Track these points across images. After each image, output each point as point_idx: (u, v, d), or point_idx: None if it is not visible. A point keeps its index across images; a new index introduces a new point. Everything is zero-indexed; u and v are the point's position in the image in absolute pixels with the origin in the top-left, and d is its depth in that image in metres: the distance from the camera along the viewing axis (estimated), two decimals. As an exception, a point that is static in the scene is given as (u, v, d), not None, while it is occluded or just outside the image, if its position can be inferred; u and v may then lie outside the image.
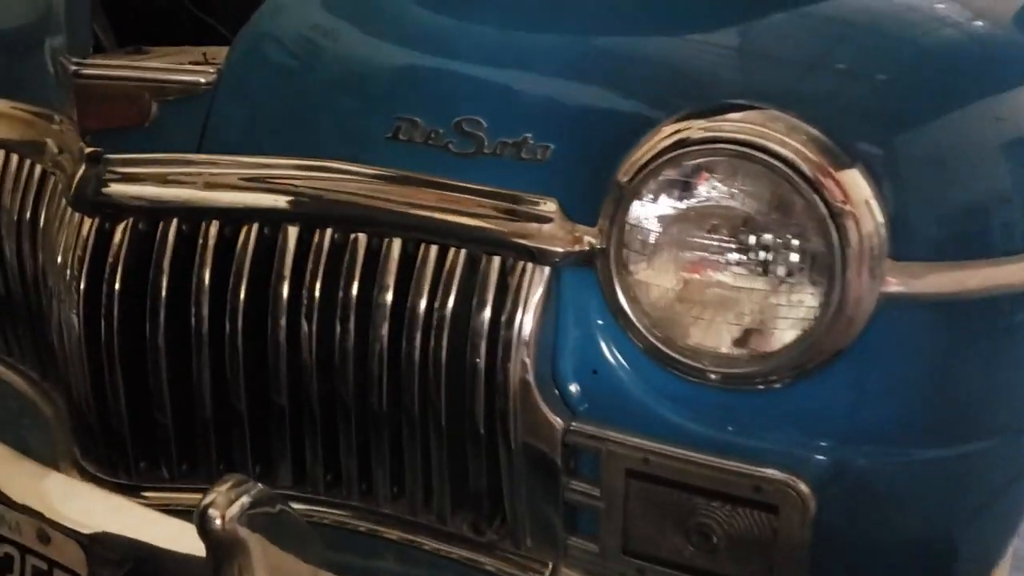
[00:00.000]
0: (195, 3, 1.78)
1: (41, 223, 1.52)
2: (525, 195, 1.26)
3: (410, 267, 1.29)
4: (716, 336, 1.18)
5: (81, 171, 1.39)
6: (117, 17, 1.60)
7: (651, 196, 1.19)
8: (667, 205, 1.19)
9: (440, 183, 1.30)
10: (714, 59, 1.27)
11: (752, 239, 1.16)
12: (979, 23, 1.35)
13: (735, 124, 1.14)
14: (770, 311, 1.15)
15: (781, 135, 1.11)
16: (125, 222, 1.37)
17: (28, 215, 1.55)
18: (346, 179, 1.34)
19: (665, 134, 1.18)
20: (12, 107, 1.63)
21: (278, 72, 1.41)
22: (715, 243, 1.18)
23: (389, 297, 1.28)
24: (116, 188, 1.38)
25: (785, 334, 1.15)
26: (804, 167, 1.10)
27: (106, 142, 1.40)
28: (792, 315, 1.14)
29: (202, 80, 1.38)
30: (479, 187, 1.28)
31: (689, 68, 1.27)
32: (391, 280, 1.29)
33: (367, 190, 1.32)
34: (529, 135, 1.27)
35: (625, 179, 1.19)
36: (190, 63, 1.43)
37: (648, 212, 1.19)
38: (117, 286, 1.35)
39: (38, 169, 1.57)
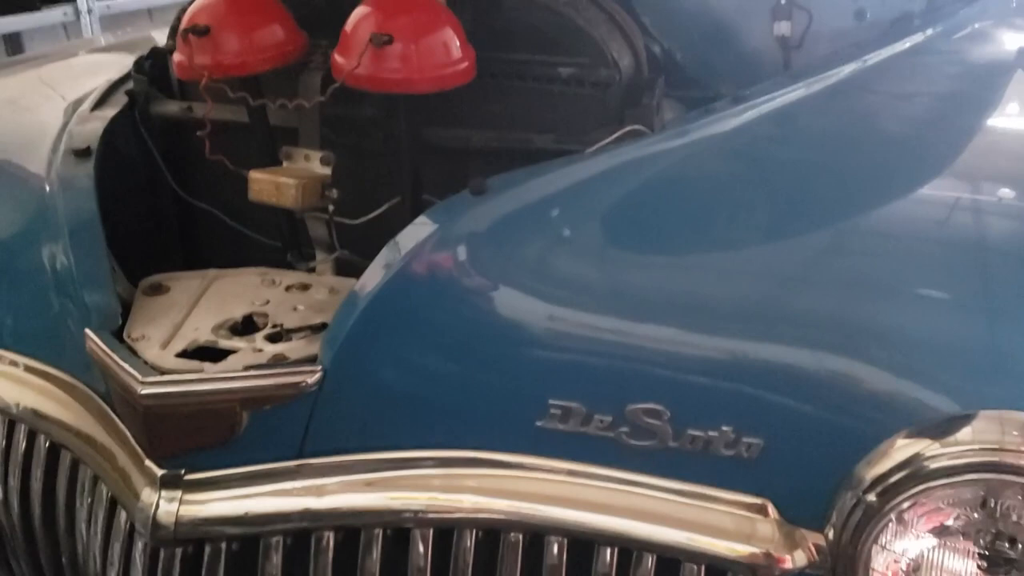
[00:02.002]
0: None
1: (60, 514, 1.29)
2: (734, 496, 1.06)
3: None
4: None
5: (157, 501, 1.14)
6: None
7: (900, 517, 1.01)
8: (922, 528, 1.01)
9: (620, 479, 1.09)
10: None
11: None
12: None
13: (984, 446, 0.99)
14: None
15: None
16: (216, 545, 1.14)
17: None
18: (497, 474, 1.11)
19: (906, 453, 1.00)
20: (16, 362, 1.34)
21: (398, 357, 1.15)
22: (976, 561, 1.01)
23: None
24: (205, 512, 1.14)
25: None
26: None
27: (182, 459, 1.14)
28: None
29: (308, 381, 1.12)
30: (676, 486, 1.08)
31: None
32: None
33: (529, 488, 1.10)
34: (728, 428, 1.05)
35: (871, 497, 1.00)
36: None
37: (897, 533, 1.02)
38: None
39: (43, 441, 1.31)
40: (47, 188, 1.37)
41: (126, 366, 1.15)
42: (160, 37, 2.77)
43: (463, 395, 1.15)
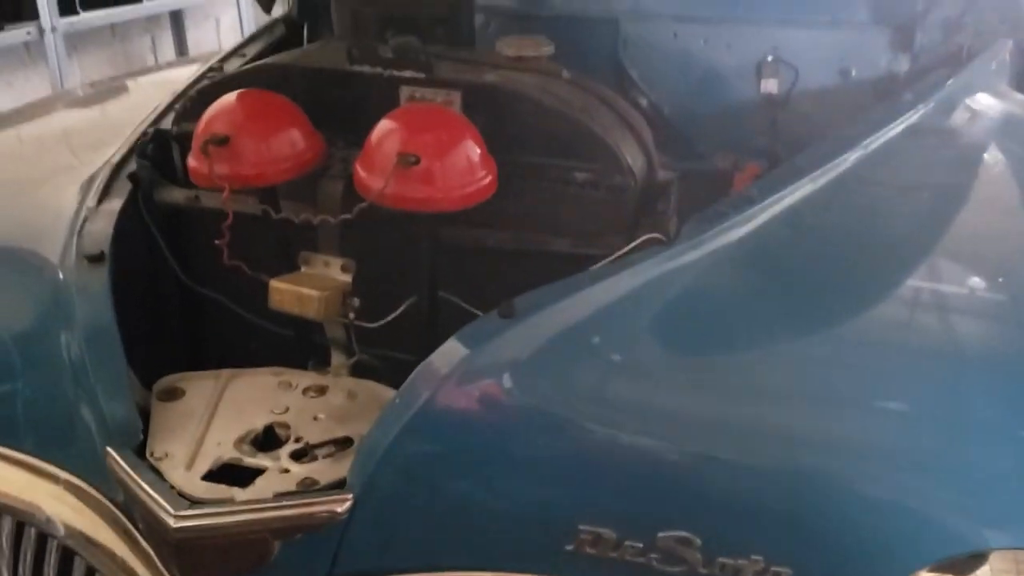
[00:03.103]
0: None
1: None
2: None
3: None
4: None
5: None
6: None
7: None
8: None
9: None
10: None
11: None
12: None
13: None
14: None
15: None
16: None
17: None
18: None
19: None
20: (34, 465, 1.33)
21: (427, 484, 1.15)
22: None
23: None
24: None
25: None
26: None
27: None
28: None
29: (338, 509, 1.12)
30: None
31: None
32: None
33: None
34: (758, 557, 1.07)
35: None
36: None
37: None
38: None
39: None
40: (63, 295, 1.36)
41: (155, 495, 1.15)
42: (132, 84, 2.79)
43: (493, 519, 1.16)
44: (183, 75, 2.15)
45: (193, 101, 1.56)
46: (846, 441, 1.13)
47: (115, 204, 1.50)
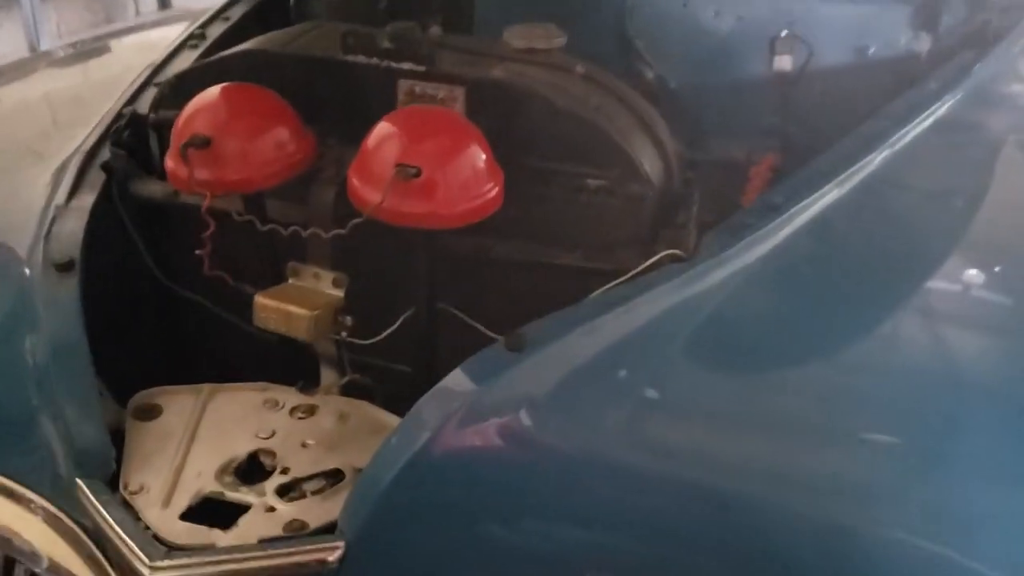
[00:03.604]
0: None
1: None
2: None
3: None
4: None
5: None
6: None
7: None
8: None
9: None
10: None
11: None
12: None
13: None
14: None
15: None
16: None
17: None
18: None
19: None
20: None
21: (424, 533, 1.07)
22: None
23: None
24: None
25: None
26: None
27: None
28: None
29: (329, 558, 1.03)
30: None
31: None
32: None
33: None
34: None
35: None
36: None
37: None
38: None
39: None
40: (28, 305, 1.25)
41: (129, 541, 1.05)
42: (116, 45, 2.64)
43: (495, 568, 1.08)
44: (168, 36, 2.03)
45: (172, 87, 1.44)
46: (892, 488, 1.04)
47: (86, 200, 1.38)
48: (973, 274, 1.34)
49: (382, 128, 1.20)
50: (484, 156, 1.20)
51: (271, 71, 1.38)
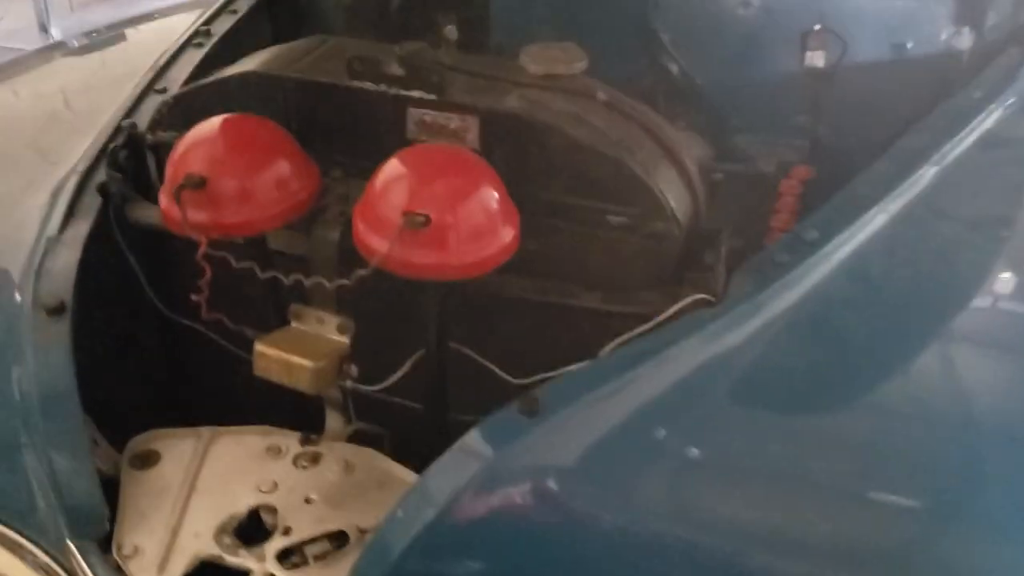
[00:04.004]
0: None
1: None
2: None
3: None
4: None
5: None
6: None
7: None
8: None
9: None
10: None
11: None
12: None
13: None
14: None
15: None
16: None
17: None
18: None
19: None
20: None
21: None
22: None
23: None
24: None
25: None
26: None
27: None
28: None
29: None
30: None
31: None
32: None
33: None
34: None
35: None
36: None
37: None
38: None
39: None
40: (17, 351, 1.18)
41: None
42: (133, 34, 2.55)
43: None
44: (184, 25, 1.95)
45: (170, 108, 1.36)
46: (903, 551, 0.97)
47: (81, 228, 1.31)
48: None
49: (389, 169, 1.12)
50: (499, 200, 1.11)
51: (272, 94, 1.30)
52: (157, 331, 1.42)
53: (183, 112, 1.35)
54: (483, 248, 1.10)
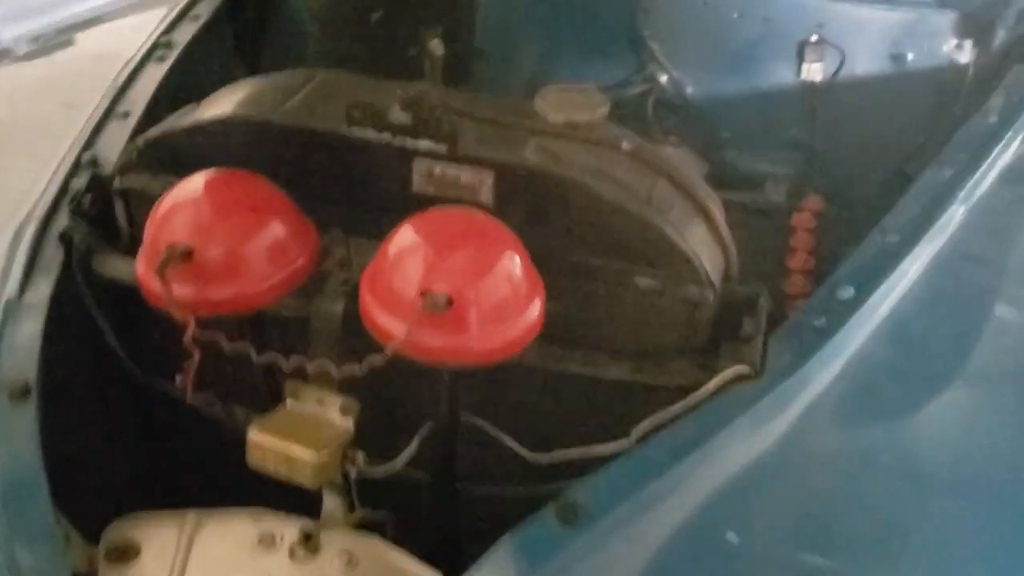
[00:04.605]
0: None
1: None
2: None
3: None
4: None
5: None
6: None
7: None
8: None
9: None
10: None
11: None
12: None
13: None
14: None
15: None
16: None
17: None
18: None
19: None
20: None
21: None
22: None
23: None
24: None
25: None
26: None
27: None
28: None
29: None
30: None
31: None
32: None
33: None
34: None
35: None
36: None
37: None
38: None
39: None
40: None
41: None
42: (82, 39, 2.36)
43: None
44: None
45: (140, 153, 1.21)
46: None
47: (42, 289, 1.17)
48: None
49: (402, 239, 1.00)
50: (525, 273, 1.00)
51: (258, 141, 1.16)
52: (130, 395, 1.28)
53: (155, 156, 1.21)
54: (509, 329, 0.98)
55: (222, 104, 1.21)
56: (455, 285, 0.95)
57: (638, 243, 1.09)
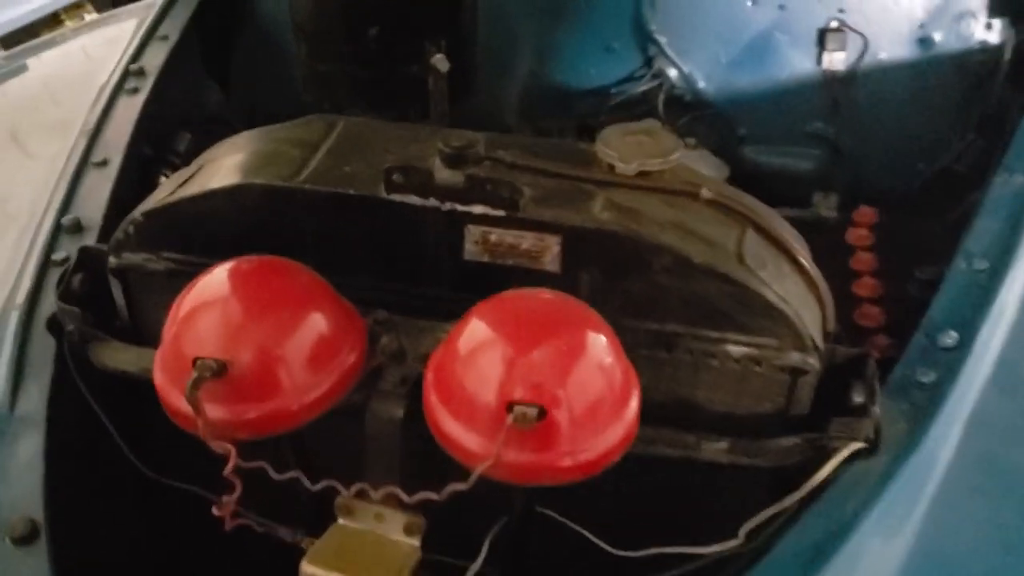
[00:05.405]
0: None
1: None
2: None
3: None
4: None
5: None
6: None
7: None
8: None
9: None
10: None
11: None
12: None
13: None
14: None
15: None
16: None
17: None
18: None
19: None
20: None
21: None
22: None
23: None
24: None
25: None
26: None
27: None
28: None
29: None
30: None
31: None
32: None
33: None
34: None
35: None
36: None
37: None
38: None
39: None
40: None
41: None
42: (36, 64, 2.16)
43: None
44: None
45: (137, 228, 1.04)
46: None
47: (34, 397, 1.00)
48: None
49: (475, 332, 0.84)
50: (620, 366, 0.85)
51: (278, 211, 0.99)
52: (138, 493, 1.12)
53: (155, 231, 1.04)
54: (607, 436, 0.84)
55: (228, 166, 1.04)
56: (545, 391, 0.80)
57: (731, 306, 0.95)
